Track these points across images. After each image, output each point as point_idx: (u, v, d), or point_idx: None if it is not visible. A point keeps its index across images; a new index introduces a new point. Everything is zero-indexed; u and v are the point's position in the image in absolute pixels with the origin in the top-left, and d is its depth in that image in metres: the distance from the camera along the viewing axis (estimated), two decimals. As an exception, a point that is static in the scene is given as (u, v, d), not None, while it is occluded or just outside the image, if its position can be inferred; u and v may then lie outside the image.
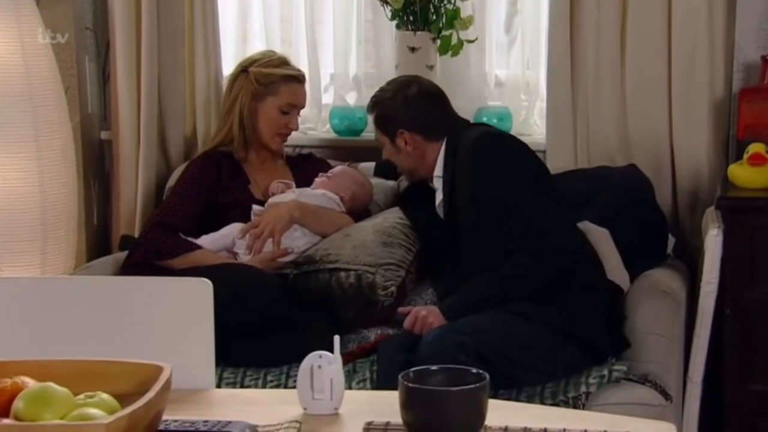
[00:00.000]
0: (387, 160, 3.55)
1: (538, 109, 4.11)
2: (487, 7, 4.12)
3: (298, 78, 3.73)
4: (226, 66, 4.12)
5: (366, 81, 4.23)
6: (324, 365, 1.97)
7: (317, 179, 3.73)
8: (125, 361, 1.82)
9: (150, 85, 4.11)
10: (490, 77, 4.16)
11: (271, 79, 3.68)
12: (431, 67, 3.96)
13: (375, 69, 4.23)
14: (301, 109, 3.77)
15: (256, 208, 3.60)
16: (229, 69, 3.88)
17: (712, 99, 3.78)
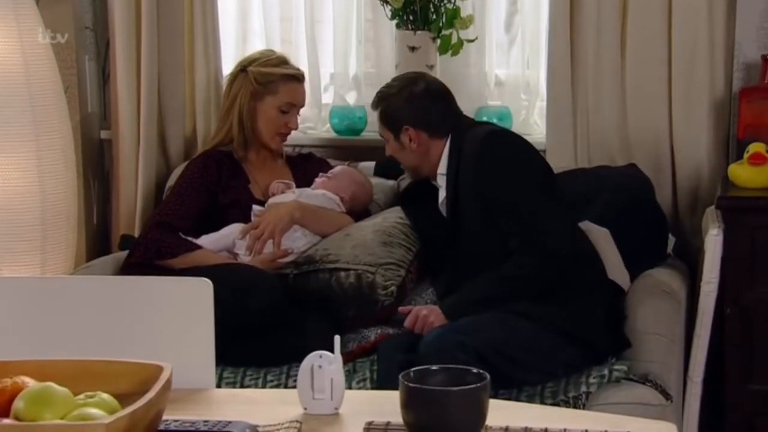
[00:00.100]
0: (389, 159, 3.54)
1: (538, 108, 4.11)
2: (487, 7, 4.12)
3: (297, 77, 3.72)
4: (226, 65, 4.12)
5: (366, 80, 4.23)
6: (324, 365, 1.97)
7: (317, 179, 3.72)
8: (125, 361, 1.81)
9: (150, 84, 4.11)
10: (490, 77, 4.16)
11: (270, 79, 3.67)
12: (431, 67, 3.95)
13: (375, 68, 4.23)
14: (301, 108, 3.76)
15: (256, 208, 3.60)
16: (229, 68, 3.87)
17: (713, 98, 3.78)
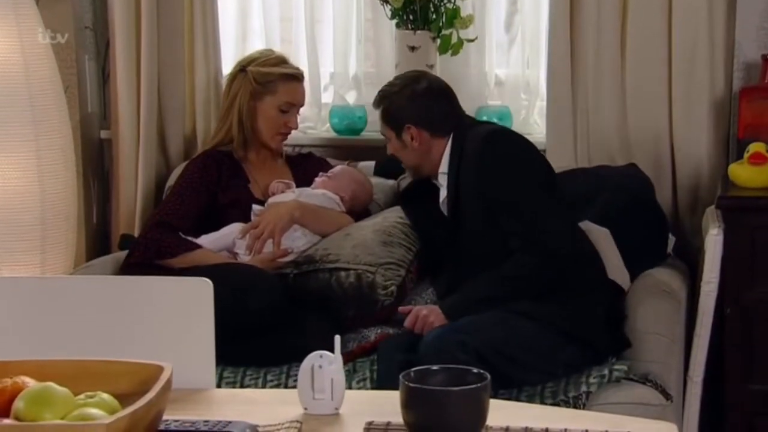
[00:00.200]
0: (389, 158, 3.54)
1: (538, 108, 4.10)
2: (487, 6, 4.11)
3: (297, 76, 3.72)
4: (225, 65, 4.11)
5: (366, 80, 4.23)
6: (325, 365, 1.97)
7: (317, 179, 3.72)
8: (125, 361, 1.81)
9: (150, 84, 4.11)
10: (490, 76, 4.16)
11: (270, 79, 3.67)
12: (431, 67, 3.95)
13: (375, 68, 4.23)
14: (300, 107, 3.76)
15: (256, 208, 3.60)
16: (229, 68, 3.87)
17: (713, 98, 3.78)
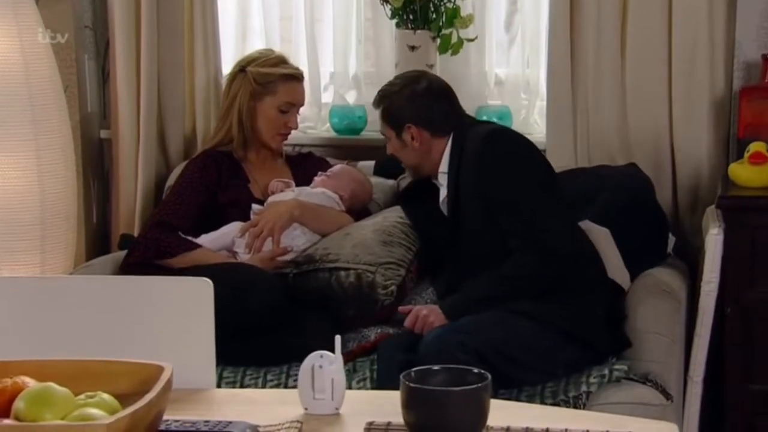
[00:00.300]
0: (389, 158, 3.53)
1: (538, 108, 4.10)
2: (487, 6, 4.11)
3: (296, 76, 3.72)
4: (225, 65, 4.11)
5: (366, 80, 4.22)
6: (325, 365, 1.97)
7: (317, 178, 3.72)
8: (126, 361, 1.81)
9: (149, 83, 4.10)
10: (490, 76, 4.15)
11: (269, 79, 3.67)
12: (431, 66, 3.95)
13: (375, 68, 4.23)
14: (300, 107, 3.76)
15: (255, 207, 3.60)
16: (229, 67, 3.87)
17: (713, 98, 3.78)
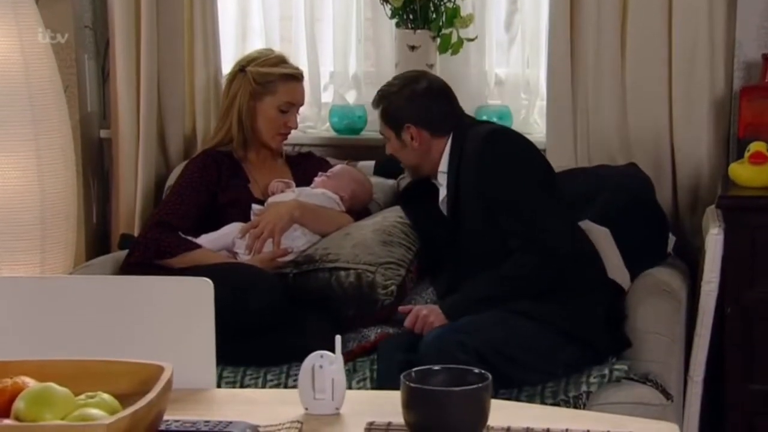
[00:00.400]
0: (389, 158, 3.53)
1: (538, 107, 4.10)
2: (487, 6, 4.11)
3: (296, 76, 3.71)
4: (225, 64, 4.11)
5: (365, 79, 4.22)
6: (325, 365, 1.97)
7: (317, 178, 3.72)
8: (126, 361, 1.81)
9: (149, 83, 4.10)
10: (490, 76, 4.15)
11: (269, 79, 3.66)
12: (431, 66, 3.95)
13: (374, 67, 4.22)
14: (300, 107, 3.75)
15: (255, 207, 3.59)
16: (229, 67, 3.86)
17: (713, 97, 3.78)
